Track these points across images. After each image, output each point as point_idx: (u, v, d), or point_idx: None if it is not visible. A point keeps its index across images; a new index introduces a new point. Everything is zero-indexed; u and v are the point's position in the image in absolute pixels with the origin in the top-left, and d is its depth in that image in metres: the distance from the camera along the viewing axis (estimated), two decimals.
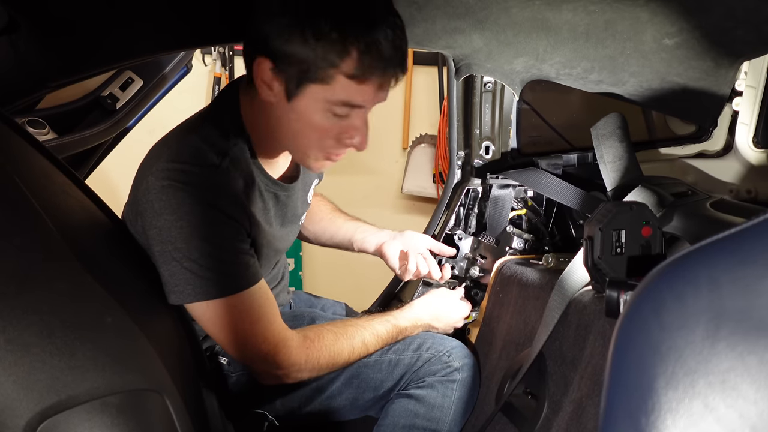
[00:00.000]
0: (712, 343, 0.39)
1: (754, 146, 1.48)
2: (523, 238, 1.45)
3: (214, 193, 0.99)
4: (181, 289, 0.98)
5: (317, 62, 0.94)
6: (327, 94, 0.97)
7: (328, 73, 0.94)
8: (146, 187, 0.97)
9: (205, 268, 0.97)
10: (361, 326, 1.17)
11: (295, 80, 0.96)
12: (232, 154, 1.03)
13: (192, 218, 0.96)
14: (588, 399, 1.00)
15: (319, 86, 0.96)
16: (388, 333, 1.20)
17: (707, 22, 1.17)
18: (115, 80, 1.61)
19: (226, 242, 1.00)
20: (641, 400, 0.42)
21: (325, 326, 1.14)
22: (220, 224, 0.98)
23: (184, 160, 0.98)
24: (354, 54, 0.93)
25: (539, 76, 1.37)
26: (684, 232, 1.08)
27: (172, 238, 0.96)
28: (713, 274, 0.41)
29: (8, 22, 0.98)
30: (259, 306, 1.03)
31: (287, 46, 0.94)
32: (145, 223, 0.97)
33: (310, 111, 0.99)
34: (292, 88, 0.97)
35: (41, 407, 0.71)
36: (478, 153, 1.51)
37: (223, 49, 3.02)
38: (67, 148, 1.52)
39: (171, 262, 0.97)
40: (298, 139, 1.04)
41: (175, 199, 0.95)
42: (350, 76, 0.95)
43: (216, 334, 1.03)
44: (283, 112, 1.00)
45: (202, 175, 0.98)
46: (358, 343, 1.14)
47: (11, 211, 0.78)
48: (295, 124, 1.01)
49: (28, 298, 0.73)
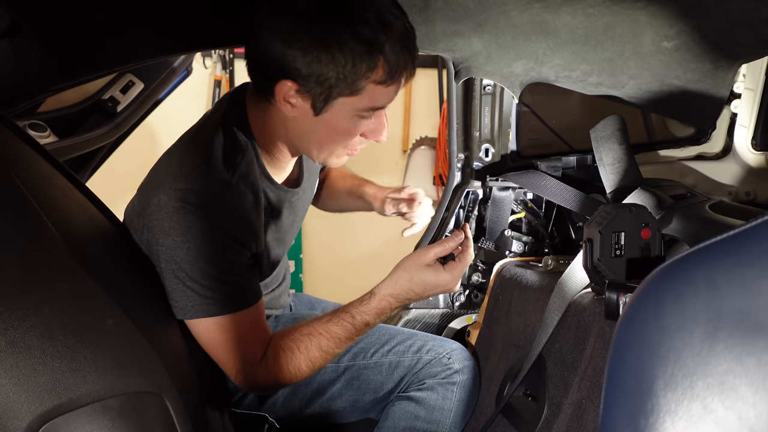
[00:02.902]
0: (710, 344, 0.40)
1: (753, 148, 1.49)
2: (522, 240, 1.45)
3: (224, 216, 1.00)
4: (181, 305, 1.00)
5: (346, 77, 0.94)
6: (356, 103, 0.98)
7: (358, 85, 0.95)
8: (158, 204, 0.97)
9: (206, 289, 0.99)
10: (317, 333, 1.07)
11: (323, 96, 0.96)
12: (241, 169, 1.04)
13: (199, 241, 0.97)
14: (588, 401, 1.00)
15: (348, 98, 0.97)
16: (348, 334, 1.07)
17: (706, 25, 1.18)
18: (116, 83, 1.61)
19: (229, 265, 1.02)
20: (640, 402, 0.42)
21: (282, 340, 1.07)
22: (225, 247, 1.00)
23: (197, 180, 0.99)
24: (381, 61, 0.94)
25: (538, 78, 1.37)
26: (683, 234, 1.08)
27: (178, 258, 0.97)
28: (712, 275, 0.41)
29: (10, 25, 0.98)
30: (247, 325, 1.05)
31: (313, 66, 0.93)
32: (152, 238, 0.99)
33: (338, 120, 1.00)
34: (320, 103, 0.97)
35: (42, 410, 0.71)
36: (477, 155, 1.51)
37: (223, 52, 3.02)
38: (68, 151, 1.52)
39: (174, 280, 0.99)
40: (324, 145, 1.05)
41: (185, 222, 0.96)
42: (379, 82, 0.96)
43: (205, 347, 1.05)
44: (310, 125, 1.01)
45: (214, 197, 0.99)
46: (315, 353, 1.06)
47: (13, 214, 0.78)
48: (323, 133, 1.02)
49: (29, 301, 0.73)
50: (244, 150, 1.05)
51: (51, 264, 0.79)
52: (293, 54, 0.92)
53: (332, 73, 0.93)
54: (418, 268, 1.05)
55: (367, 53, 0.92)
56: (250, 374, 1.05)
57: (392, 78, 0.96)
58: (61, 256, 0.80)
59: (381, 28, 0.92)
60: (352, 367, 1.21)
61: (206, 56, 3.04)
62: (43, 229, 0.79)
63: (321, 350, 1.06)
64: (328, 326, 1.06)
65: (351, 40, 0.91)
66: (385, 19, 0.93)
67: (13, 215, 0.78)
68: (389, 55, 0.94)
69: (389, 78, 0.96)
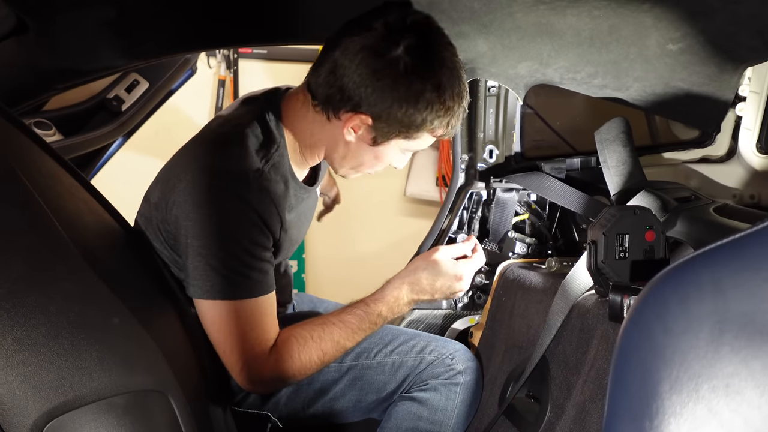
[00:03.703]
0: (716, 347, 0.40)
1: (758, 151, 1.48)
2: (525, 242, 1.45)
3: (255, 197, 1.02)
4: (200, 284, 1.00)
5: (416, 128, 1.04)
6: (408, 145, 1.09)
7: (420, 134, 1.06)
8: (191, 180, 1.00)
9: (228, 269, 1.00)
10: (331, 323, 1.09)
11: (387, 134, 1.05)
12: (274, 159, 1.07)
13: (230, 218, 1.00)
14: (591, 403, 1.00)
15: (405, 140, 1.07)
16: (360, 323, 1.10)
17: (711, 28, 1.17)
18: (121, 82, 1.62)
19: (254, 247, 1.03)
20: (645, 404, 0.42)
21: (294, 330, 1.07)
22: (253, 228, 1.02)
23: (233, 162, 1.02)
24: (448, 121, 1.05)
25: (543, 80, 1.37)
26: (687, 237, 1.08)
27: (206, 234, 0.99)
28: (717, 278, 0.41)
29: (16, 24, 0.99)
30: (260, 314, 1.04)
31: (395, 113, 1.01)
32: (181, 213, 1.00)
33: (386, 153, 1.10)
34: (381, 139, 1.06)
35: (48, 407, 0.72)
36: (481, 156, 1.51)
37: (227, 52, 3.02)
38: (73, 149, 1.52)
39: (197, 257, 0.99)
40: (360, 167, 1.14)
41: (217, 200, 0.99)
42: (435, 136, 1.08)
43: (213, 333, 1.03)
44: (359, 150, 1.09)
45: (247, 180, 1.02)
46: (328, 343, 1.07)
47: (19, 211, 0.79)
48: (365, 159, 1.11)
49: (36, 298, 0.74)
50: (277, 143, 1.09)
51: (57, 261, 0.79)
52: (386, 101, 1.00)
53: (407, 122, 1.02)
54: (434, 259, 1.14)
55: (442, 115, 1.03)
56: (255, 367, 1.03)
57: (444, 135, 1.08)
58: (67, 253, 0.80)
59: (458, 97, 1.03)
60: (355, 366, 1.21)
61: (210, 56, 3.05)
62: (49, 226, 0.80)
63: (333, 341, 1.08)
64: (341, 316, 1.10)
65: (437, 103, 1.01)
66: (461, 90, 1.04)
67: (19, 213, 0.79)
68: (454, 119, 1.05)
69: (444, 135, 1.08)
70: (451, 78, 1.02)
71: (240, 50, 3.00)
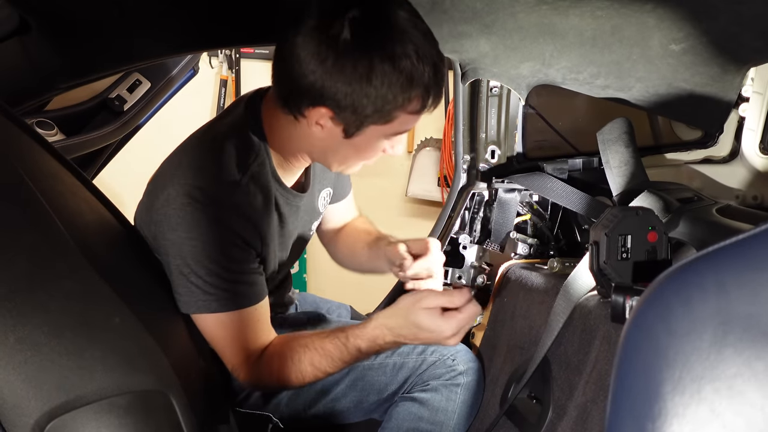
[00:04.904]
0: (719, 348, 0.39)
1: (761, 152, 1.48)
2: (527, 243, 1.45)
3: (231, 214, 1.01)
4: (185, 300, 1.01)
5: (383, 108, 0.95)
6: (386, 130, 1.00)
7: (392, 115, 0.97)
8: (166, 199, 0.98)
9: (210, 285, 1.00)
10: (312, 348, 1.06)
11: (356, 124, 0.98)
12: (253, 170, 1.04)
13: (206, 239, 0.98)
14: (593, 404, 0.99)
15: (379, 125, 0.99)
16: (340, 354, 1.06)
17: (714, 28, 1.17)
18: (123, 82, 1.62)
19: (234, 264, 1.02)
20: (647, 406, 0.42)
21: (280, 346, 1.08)
22: (231, 245, 1.01)
23: (207, 177, 1.00)
24: (418, 92, 0.95)
25: (545, 80, 1.37)
26: (690, 238, 1.08)
27: (183, 253, 0.98)
28: (721, 279, 0.41)
29: (19, 24, 0.99)
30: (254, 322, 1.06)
31: (353, 98, 0.93)
32: (159, 232, 1.00)
33: (366, 143, 1.02)
34: (352, 130, 0.99)
35: (50, 406, 0.72)
36: (483, 157, 1.51)
37: (229, 52, 3.03)
38: (75, 149, 1.53)
39: (179, 275, 1.00)
40: (347, 161, 1.08)
41: (192, 218, 0.97)
42: (413, 112, 0.98)
43: (212, 342, 1.07)
44: (336, 145, 1.03)
45: (223, 195, 1.00)
46: (307, 367, 1.06)
47: (21, 210, 0.79)
48: (348, 152, 1.05)
49: (37, 297, 0.74)
50: (257, 151, 1.06)
51: (59, 261, 0.79)
52: (335, 85, 0.92)
53: (370, 105, 0.94)
54: (416, 309, 1.01)
55: (406, 87, 0.94)
56: (244, 372, 1.07)
57: (424, 109, 0.99)
58: (69, 253, 0.80)
59: (419, 63, 0.93)
60: (356, 367, 1.21)
61: (212, 56, 3.05)
62: (51, 226, 0.80)
63: (312, 365, 1.06)
64: (323, 343, 1.06)
65: (393, 74, 0.92)
66: (422, 54, 0.93)
67: (21, 212, 0.79)
68: (424, 89, 0.96)
69: (422, 109, 0.99)
70: (407, 41, 0.91)
71: (242, 50, 3.01)
